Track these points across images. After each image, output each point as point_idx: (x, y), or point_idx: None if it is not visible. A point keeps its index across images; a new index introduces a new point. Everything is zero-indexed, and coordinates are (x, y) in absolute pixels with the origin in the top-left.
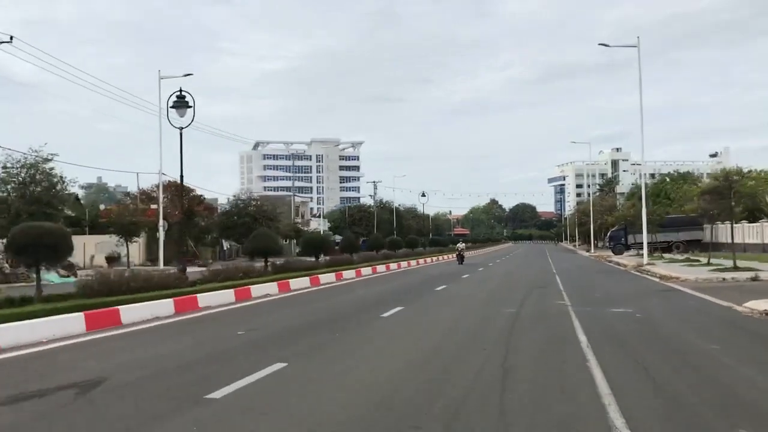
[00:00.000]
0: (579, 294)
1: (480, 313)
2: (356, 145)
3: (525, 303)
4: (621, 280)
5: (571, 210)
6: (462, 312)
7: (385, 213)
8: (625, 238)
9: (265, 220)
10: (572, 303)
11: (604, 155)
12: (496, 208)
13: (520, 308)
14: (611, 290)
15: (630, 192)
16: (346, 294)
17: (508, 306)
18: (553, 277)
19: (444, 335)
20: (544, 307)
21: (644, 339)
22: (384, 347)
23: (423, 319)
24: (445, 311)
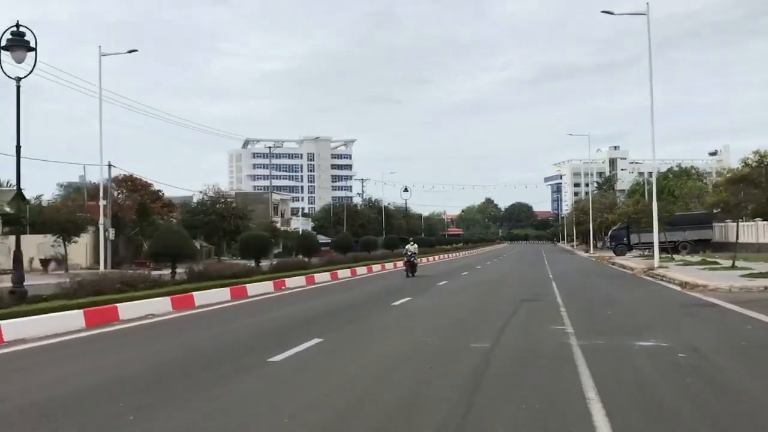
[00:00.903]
0: (584, 311)
1: (434, 348)
2: (348, 144)
3: (507, 329)
4: (633, 288)
5: (568, 209)
6: (406, 348)
7: (373, 212)
8: (628, 238)
9: (234, 218)
10: (576, 329)
11: (601, 154)
12: (491, 208)
13: (498, 340)
14: (626, 304)
15: (631, 189)
16: (249, 317)
17: (480, 336)
18: (549, 284)
19: (341, 415)
20: (534, 338)
21: (715, 417)
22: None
23: (334, 368)
24: (381, 347)
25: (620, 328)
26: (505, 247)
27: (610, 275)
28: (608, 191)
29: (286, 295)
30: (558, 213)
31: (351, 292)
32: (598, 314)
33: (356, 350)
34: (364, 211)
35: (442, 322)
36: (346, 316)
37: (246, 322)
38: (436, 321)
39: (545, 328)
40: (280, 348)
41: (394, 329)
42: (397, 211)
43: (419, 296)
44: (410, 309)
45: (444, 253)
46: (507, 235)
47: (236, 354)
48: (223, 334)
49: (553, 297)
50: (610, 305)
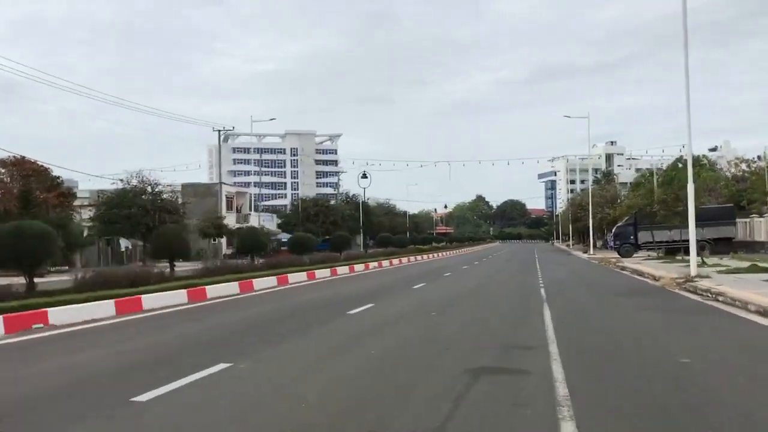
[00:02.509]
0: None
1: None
2: (334, 138)
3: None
4: (686, 322)
5: (563, 207)
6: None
7: (350, 208)
8: (635, 236)
9: (161, 212)
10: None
11: (597, 149)
12: (482, 205)
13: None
14: (712, 383)
15: (635, 181)
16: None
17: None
18: (539, 308)
19: None
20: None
21: None
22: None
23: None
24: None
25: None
26: (494, 247)
27: (631, 290)
28: (607, 185)
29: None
30: (552, 211)
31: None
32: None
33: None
34: (339, 206)
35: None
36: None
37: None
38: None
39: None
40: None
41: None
42: (378, 208)
43: (269, 351)
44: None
45: (422, 253)
46: (498, 233)
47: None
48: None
49: (544, 355)
50: (681, 389)
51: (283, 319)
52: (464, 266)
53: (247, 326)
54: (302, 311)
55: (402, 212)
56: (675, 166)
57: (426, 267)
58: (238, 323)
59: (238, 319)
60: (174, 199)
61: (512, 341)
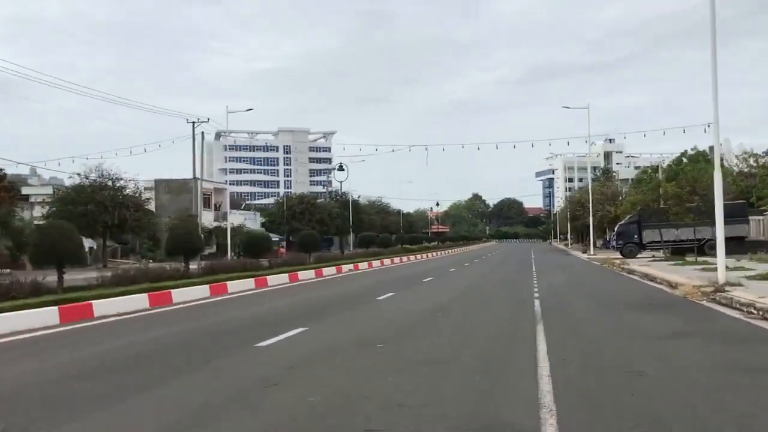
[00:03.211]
0: None
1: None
2: (328, 136)
3: None
4: (757, 366)
5: (560, 206)
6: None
7: (338, 206)
8: (640, 234)
9: (122, 209)
10: None
11: (596, 147)
12: (479, 204)
13: None
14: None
15: (637, 178)
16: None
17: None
18: (531, 337)
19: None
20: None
21: None
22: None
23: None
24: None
25: None
26: (490, 247)
27: (647, 302)
28: (607, 182)
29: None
30: (550, 209)
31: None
32: None
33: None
34: (326, 204)
35: None
36: None
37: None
38: None
39: None
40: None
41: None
42: (370, 206)
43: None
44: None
45: (410, 254)
46: (495, 233)
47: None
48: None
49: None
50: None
51: (127, 363)
52: (452, 269)
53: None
54: (181, 345)
55: (395, 211)
56: (679, 161)
57: (408, 270)
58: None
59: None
60: (137, 194)
61: (483, 413)
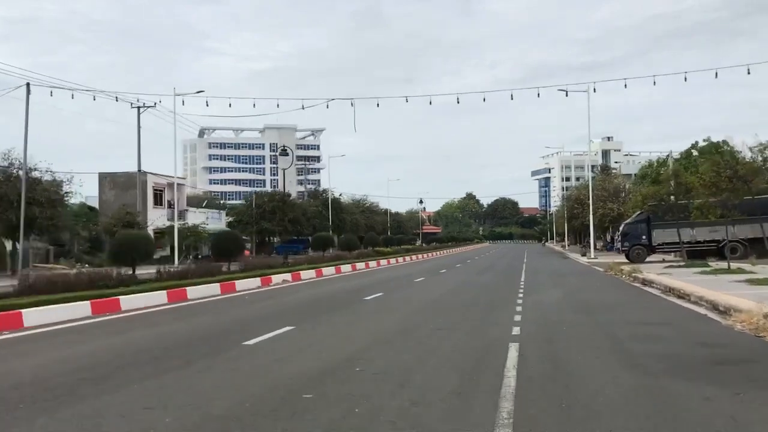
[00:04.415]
0: None
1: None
2: (316, 133)
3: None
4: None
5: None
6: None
7: (318, 204)
8: (649, 235)
9: (31, 204)
10: None
11: (594, 145)
12: (472, 204)
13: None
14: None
15: (641, 173)
16: None
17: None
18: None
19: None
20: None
21: None
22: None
23: None
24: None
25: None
26: (481, 248)
27: (707, 356)
28: (608, 177)
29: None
30: (546, 209)
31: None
32: None
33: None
34: (301, 202)
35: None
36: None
37: None
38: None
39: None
40: None
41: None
42: (354, 205)
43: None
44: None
45: (381, 258)
46: (489, 233)
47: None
48: None
49: None
50: None
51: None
52: (419, 278)
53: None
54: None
55: (383, 210)
56: (689, 153)
57: (356, 282)
58: None
59: None
60: (54, 187)
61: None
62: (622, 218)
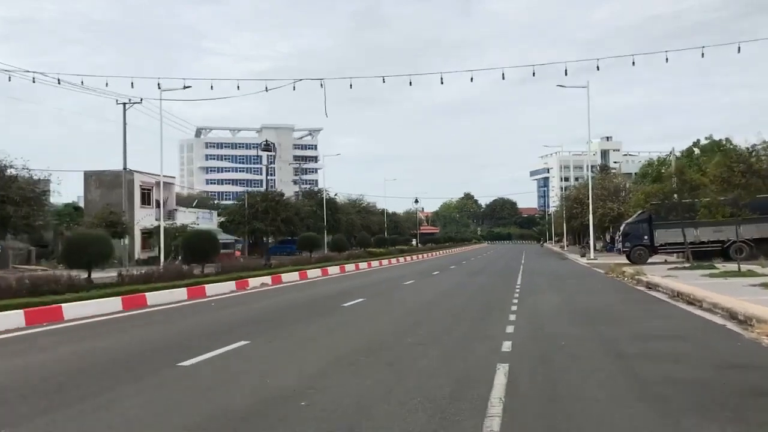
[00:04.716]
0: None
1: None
2: (314, 133)
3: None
4: None
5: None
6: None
7: (313, 203)
8: (651, 235)
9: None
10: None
11: (593, 145)
12: (470, 204)
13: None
14: None
15: (641, 172)
16: None
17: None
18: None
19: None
20: None
21: None
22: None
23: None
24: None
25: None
26: (479, 249)
27: (741, 384)
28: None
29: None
30: (545, 209)
31: None
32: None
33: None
34: (295, 202)
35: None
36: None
37: None
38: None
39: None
40: None
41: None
42: (350, 205)
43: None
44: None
45: (376, 258)
46: (487, 233)
47: None
48: None
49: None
50: None
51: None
52: (408, 281)
53: None
54: None
55: (379, 210)
56: (690, 151)
57: (342, 285)
58: None
59: None
60: (30, 185)
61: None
62: (623, 218)
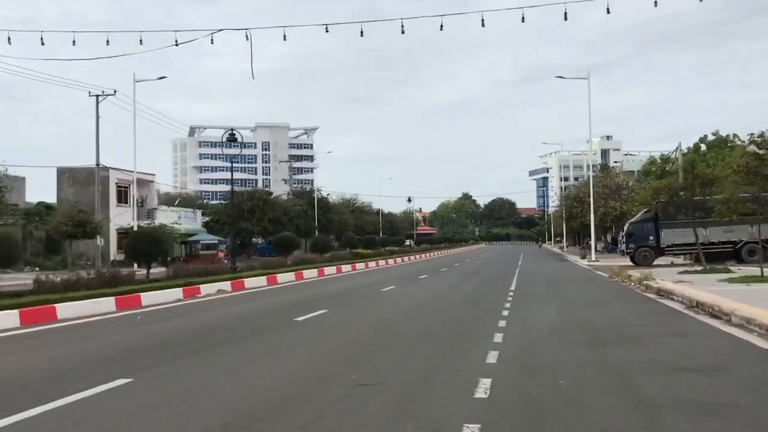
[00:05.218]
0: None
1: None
2: (310, 132)
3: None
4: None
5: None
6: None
7: (304, 202)
8: (656, 236)
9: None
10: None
11: (593, 144)
12: (468, 204)
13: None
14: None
15: (644, 170)
16: None
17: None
18: None
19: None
20: None
21: None
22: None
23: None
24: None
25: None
26: (476, 250)
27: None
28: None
29: None
30: (544, 209)
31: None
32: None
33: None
34: (283, 201)
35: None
36: None
37: None
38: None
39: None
40: None
41: None
42: (343, 205)
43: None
44: None
45: (365, 260)
46: (485, 234)
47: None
48: None
49: None
50: None
51: None
52: (388, 287)
53: None
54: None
55: (374, 210)
56: (696, 148)
57: (310, 292)
58: None
59: None
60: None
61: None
62: (625, 217)
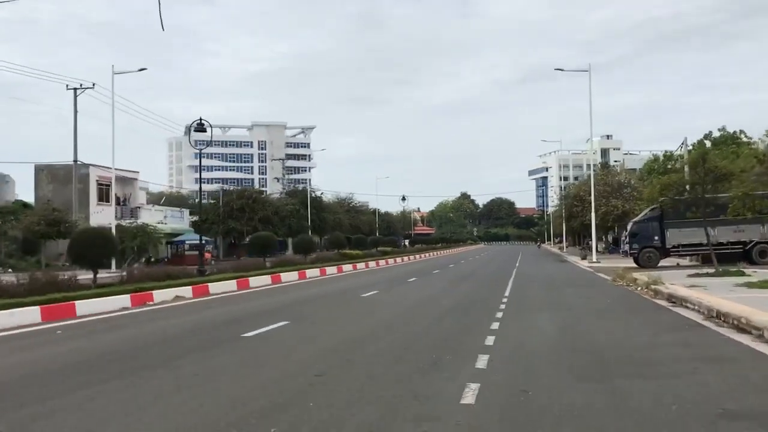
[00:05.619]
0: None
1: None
2: (307, 131)
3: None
4: None
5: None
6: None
7: (296, 202)
8: (662, 236)
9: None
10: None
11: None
12: (467, 204)
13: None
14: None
15: (647, 168)
16: None
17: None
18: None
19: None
20: None
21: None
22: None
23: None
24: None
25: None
26: (473, 250)
27: None
28: (611, 172)
29: None
30: (543, 209)
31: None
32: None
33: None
34: (274, 200)
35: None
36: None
37: None
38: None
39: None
40: None
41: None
42: (338, 204)
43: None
44: None
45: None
46: (484, 234)
47: None
48: None
49: None
50: None
51: None
52: (371, 291)
53: None
54: None
55: (371, 210)
56: (701, 144)
57: (278, 299)
58: None
59: None
60: None
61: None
62: (627, 217)
